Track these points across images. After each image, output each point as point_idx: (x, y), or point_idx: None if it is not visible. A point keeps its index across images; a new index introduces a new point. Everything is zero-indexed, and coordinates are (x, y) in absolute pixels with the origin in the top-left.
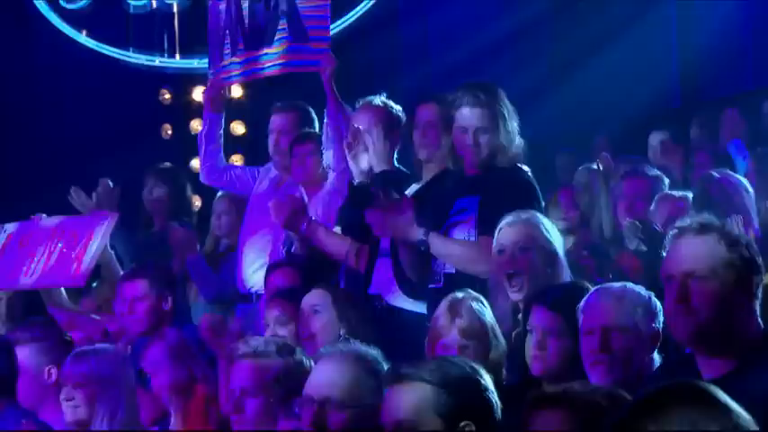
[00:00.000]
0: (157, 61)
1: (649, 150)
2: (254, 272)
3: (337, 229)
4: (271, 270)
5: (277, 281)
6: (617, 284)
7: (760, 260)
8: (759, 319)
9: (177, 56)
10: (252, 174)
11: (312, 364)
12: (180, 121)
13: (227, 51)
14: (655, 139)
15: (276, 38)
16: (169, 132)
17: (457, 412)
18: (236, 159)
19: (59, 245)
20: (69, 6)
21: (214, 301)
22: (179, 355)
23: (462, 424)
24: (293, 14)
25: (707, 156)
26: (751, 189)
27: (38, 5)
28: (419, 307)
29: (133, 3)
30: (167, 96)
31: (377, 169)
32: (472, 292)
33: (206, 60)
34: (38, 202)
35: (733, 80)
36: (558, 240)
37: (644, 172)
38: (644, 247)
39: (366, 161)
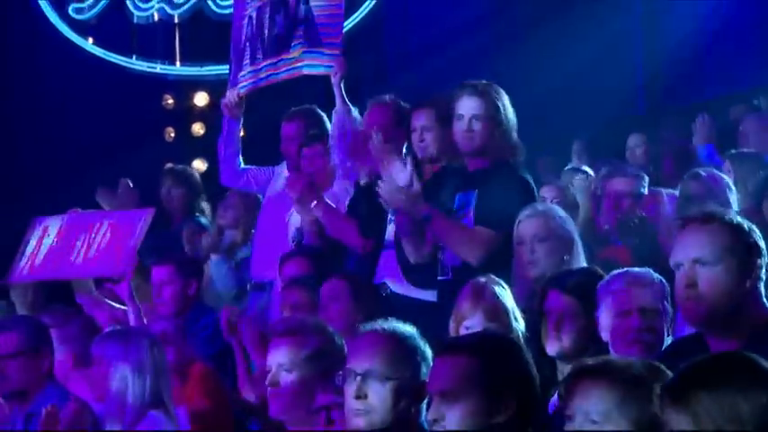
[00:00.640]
0: (158, 68)
1: (627, 151)
2: (267, 263)
3: None
4: (284, 260)
5: (290, 270)
6: (638, 269)
7: (763, 244)
8: (765, 300)
9: (178, 63)
10: (267, 173)
11: (343, 342)
12: (182, 125)
13: (246, 62)
14: (632, 140)
15: (293, 44)
16: (172, 135)
17: (500, 383)
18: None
19: (101, 237)
20: (78, 17)
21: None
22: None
23: (503, 395)
24: (309, 21)
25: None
26: (733, 187)
27: (48, 15)
28: (422, 294)
29: (137, 13)
30: (170, 101)
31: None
32: (493, 276)
33: (207, 68)
34: (49, 202)
35: (696, 87)
36: (573, 228)
37: (627, 171)
38: (636, 240)
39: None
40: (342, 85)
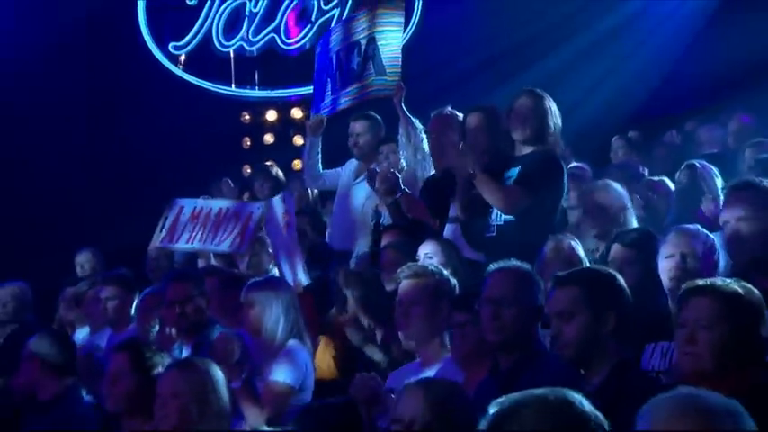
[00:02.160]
0: (233, 87)
1: (611, 152)
2: (343, 238)
3: None
4: (385, 231)
5: (389, 238)
6: (690, 225)
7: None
8: None
9: (257, 88)
10: (337, 173)
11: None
12: (256, 136)
13: (327, 93)
14: (617, 143)
15: (365, 74)
16: (248, 144)
17: (601, 303)
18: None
19: (225, 220)
20: (175, 52)
21: None
22: None
23: (604, 312)
24: (376, 56)
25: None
26: (719, 176)
27: (153, 51)
28: (474, 255)
29: (221, 49)
30: (247, 117)
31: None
32: (569, 234)
33: (276, 91)
34: (165, 192)
35: (664, 102)
36: (626, 198)
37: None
38: None
39: None
40: (402, 103)
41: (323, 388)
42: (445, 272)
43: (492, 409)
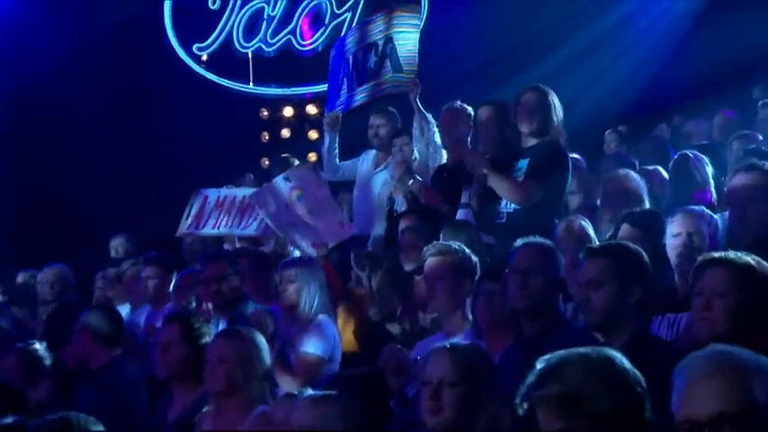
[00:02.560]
0: (251, 85)
1: (605, 144)
2: (364, 222)
3: None
4: (402, 216)
5: (406, 222)
6: (695, 206)
7: None
8: None
9: (273, 86)
10: (354, 163)
11: (477, 260)
12: (274, 130)
13: (343, 91)
14: (610, 136)
15: (382, 71)
16: (266, 138)
17: (629, 276)
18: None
19: (251, 207)
20: (199, 53)
21: None
22: None
23: (632, 286)
24: (393, 55)
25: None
26: (710, 164)
27: (176, 50)
28: (489, 239)
29: (241, 50)
30: (265, 113)
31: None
32: (579, 215)
33: (292, 89)
34: (187, 183)
35: (652, 100)
36: (642, 184)
37: None
38: None
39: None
40: (417, 99)
41: (344, 360)
42: (467, 250)
43: (539, 365)
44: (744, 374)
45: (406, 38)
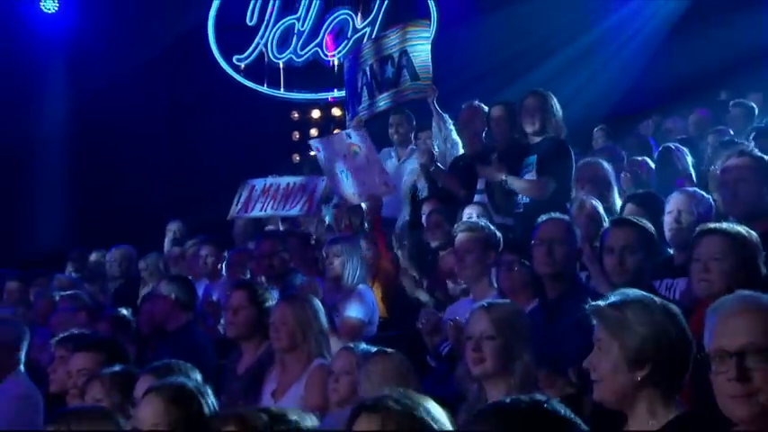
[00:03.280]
0: (282, 91)
1: (593, 140)
2: (390, 208)
3: None
4: (425, 200)
5: (430, 205)
6: (691, 188)
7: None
8: None
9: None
10: None
11: (501, 236)
12: (303, 130)
13: (364, 98)
14: (598, 133)
15: (401, 80)
16: (297, 137)
17: (649, 242)
18: None
19: (295, 191)
20: (238, 63)
21: None
22: None
23: (653, 248)
24: (409, 64)
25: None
26: (689, 155)
27: (218, 60)
28: (505, 220)
29: (275, 61)
30: (295, 115)
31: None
32: (590, 196)
33: (319, 94)
34: (219, 183)
35: (633, 102)
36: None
37: None
38: None
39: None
40: (435, 102)
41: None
42: (492, 227)
43: (610, 298)
44: (766, 313)
45: (419, 49)
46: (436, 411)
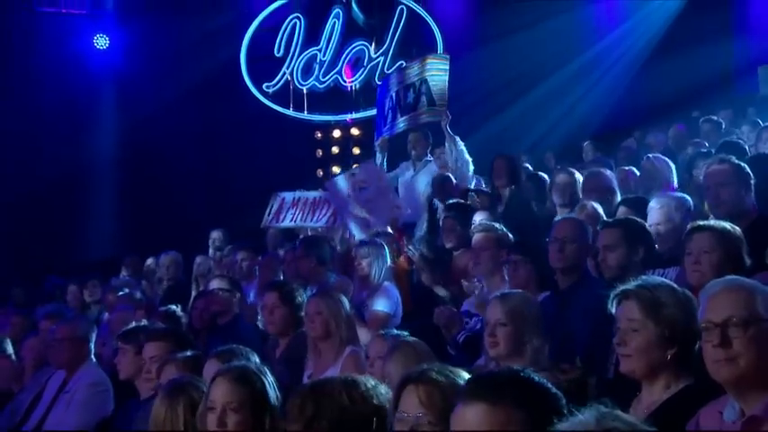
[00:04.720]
0: (305, 113)
1: (583, 153)
2: (412, 214)
3: None
4: (447, 208)
5: (446, 211)
6: (674, 194)
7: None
8: None
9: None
10: (396, 173)
11: (511, 237)
12: (326, 148)
13: (389, 120)
14: (587, 147)
15: (419, 105)
16: (320, 154)
17: (637, 240)
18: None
19: (322, 204)
20: (267, 90)
21: None
22: None
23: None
24: (427, 92)
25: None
26: (672, 165)
27: (250, 87)
28: None
29: (300, 87)
30: (318, 135)
31: None
32: (591, 200)
33: (340, 116)
34: (251, 196)
35: (616, 121)
36: (614, 179)
37: None
38: None
39: None
40: (448, 126)
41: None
42: (505, 228)
43: (638, 282)
44: (749, 292)
45: (437, 79)
46: None
